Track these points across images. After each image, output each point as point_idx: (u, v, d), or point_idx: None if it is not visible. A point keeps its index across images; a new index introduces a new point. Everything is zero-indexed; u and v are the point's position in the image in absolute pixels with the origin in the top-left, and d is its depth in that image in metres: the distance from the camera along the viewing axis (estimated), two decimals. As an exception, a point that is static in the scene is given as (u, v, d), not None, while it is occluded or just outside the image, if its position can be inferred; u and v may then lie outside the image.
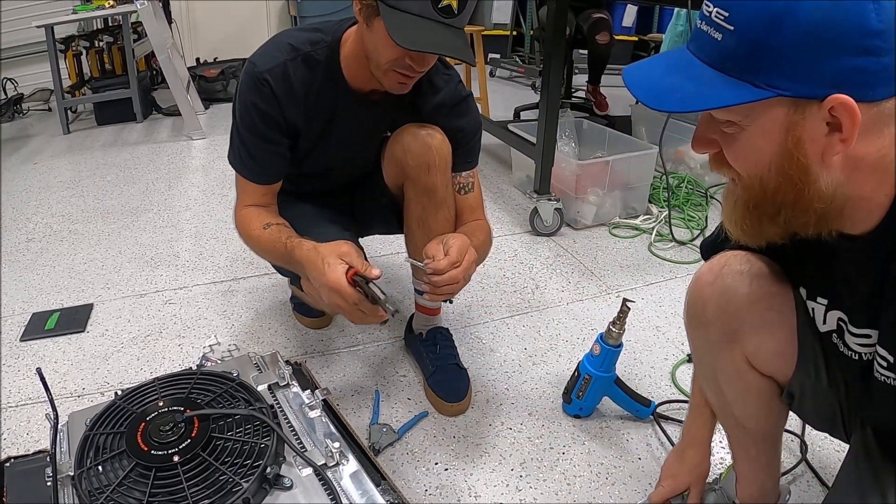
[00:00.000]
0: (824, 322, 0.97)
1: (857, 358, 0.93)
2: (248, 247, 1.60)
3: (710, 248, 1.19)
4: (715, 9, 0.76)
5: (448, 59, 1.56)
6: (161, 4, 4.94)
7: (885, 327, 0.84)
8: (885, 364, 0.85)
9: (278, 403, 1.18)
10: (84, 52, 4.87)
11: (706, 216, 2.89)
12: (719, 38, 0.76)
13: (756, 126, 0.78)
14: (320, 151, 1.61)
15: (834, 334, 0.96)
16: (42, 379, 1.07)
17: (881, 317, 0.84)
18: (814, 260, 0.95)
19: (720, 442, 1.56)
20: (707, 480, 1.38)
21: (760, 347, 1.07)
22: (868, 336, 0.89)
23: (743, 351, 1.08)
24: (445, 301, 1.49)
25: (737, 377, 1.11)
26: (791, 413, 1.17)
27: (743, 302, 1.05)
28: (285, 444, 1.05)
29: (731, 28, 0.75)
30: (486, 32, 6.06)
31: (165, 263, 2.54)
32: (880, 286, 0.82)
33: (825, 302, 0.96)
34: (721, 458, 1.54)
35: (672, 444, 1.59)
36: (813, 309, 0.99)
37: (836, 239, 0.84)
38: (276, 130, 1.52)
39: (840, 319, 0.93)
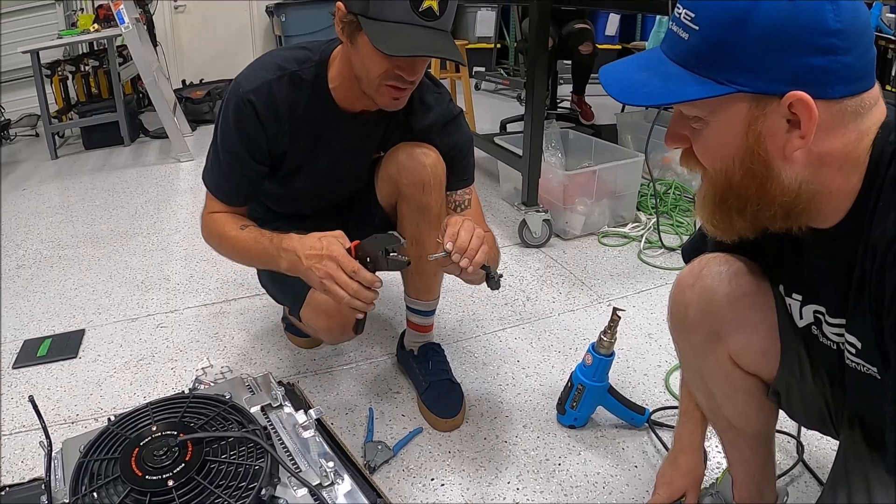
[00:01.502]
0: (801, 317, 1.00)
1: (834, 348, 0.95)
2: (216, 247, 1.59)
3: (691, 251, 1.21)
4: (684, 10, 0.81)
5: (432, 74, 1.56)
6: (146, 27, 4.95)
7: (852, 315, 0.86)
8: (853, 351, 0.88)
9: (272, 424, 1.19)
10: (70, 76, 4.88)
11: (695, 221, 2.90)
12: (686, 38, 0.80)
13: (720, 121, 0.81)
14: (309, 171, 1.61)
15: (813, 326, 0.98)
16: (35, 407, 1.07)
17: (848, 306, 0.86)
18: (788, 258, 0.98)
19: (716, 446, 1.57)
20: (703, 485, 1.38)
21: (744, 346, 1.08)
22: (842, 326, 0.91)
23: (727, 350, 1.09)
24: (490, 278, 1.38)
25: (723, 377, 1.12)
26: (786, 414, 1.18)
27: (724, 302, 1.06)
28: (279, 466, 1.05)
29: (697, 28, 0.78)
30: (470, 46, 6.12)
31: (156, 287, 2.53)
32: (848, 276, 0.85)
33: (800, 298, 0.98)
34: (718, 462, 1.55)
35: (668, 450, 1.59)
36: (790, 305, 1.01)
37: (806, 234, 0.87)
38: (255, 153, 1.51)
39: (817, 312, 0.96)
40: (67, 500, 0.99)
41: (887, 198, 0.77)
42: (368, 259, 1.31)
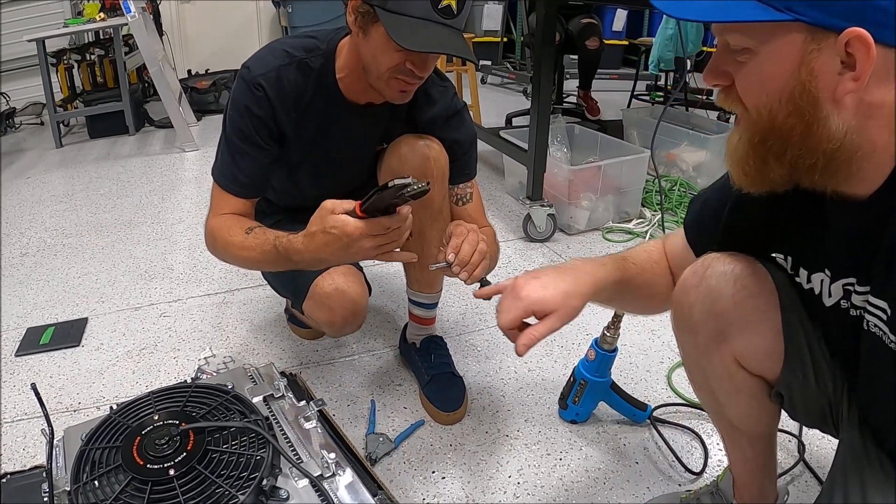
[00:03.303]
0: (830, 294, 0.95)
1: (857, 315, 0.91)
2: (220, 255, 1.48)
3: (692, 226, 1.17)
4: None
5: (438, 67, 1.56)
6: (152, 17, 4.94)
7: (881, 281, 0.83)
8: (884, 317, 0.84)
9: (273, 415, 1.18)
10: (76, 65, 4.87)
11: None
12: None
13: (771, 52, 0.77)
14: (311, 161, 1.61)
15: (842, 301, 0.94)
16: (37, 394, 1.07)
17: (873, 272, 0.83)
18: (812, 234, 0.94)
19: (717, 444, 1.57)
20: (703, 483, 1.38)
21: (749, 347, 1.07)
22: (867, 292, 0.87)
23: (731, 351, 1.08)
24: (483, 283, 1.35)
25: (727, 378, 1.11)
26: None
27: (729, 303, 1.05)
28: (281, 456, 1.05)
29: None
30: (476, 39, 6.11)
31: (160, 276, 2.54)
32: (879, 241, 0.81)
33: (830, 274, 0.94)
34: (719, 460, 1.54)
35: (670, 447, 1.59)
36: (822, 281, 0.96)
37: (836, 204, 0.83)
38: (266, 137, 1.49)
39: (846, 285, 0.92)
40: (69, 488, 0.99)
41: None
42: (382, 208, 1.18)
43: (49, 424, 1.05)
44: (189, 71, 5.77)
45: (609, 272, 1.13)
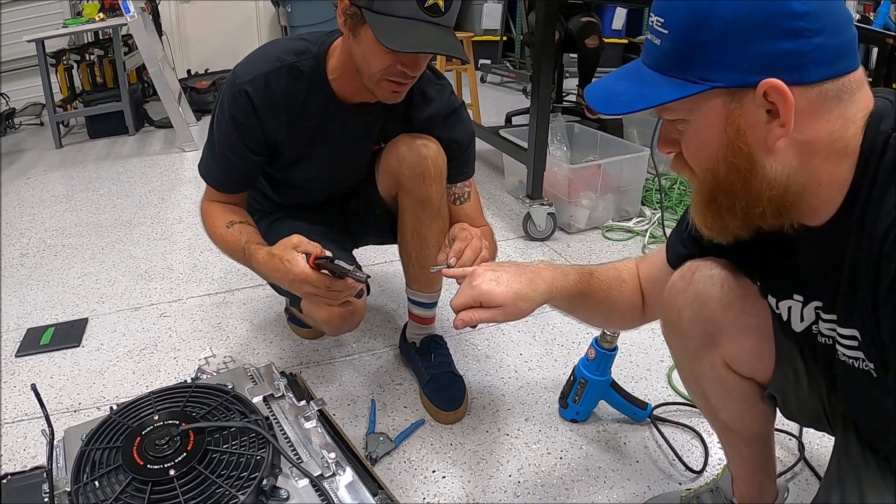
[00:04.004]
0: (802, 319, 0.97)
1: (830, 343, 0.93)
2: (209, 237, 1.60)
3: (671, 246, 1.18)
4: (655, 17, 0.81)
5: (437, 67, 1.56)
6: (151, 17, 4.94)
7: (846, 308, 0.84)
8: (854, 344, 0.86)
9: (273, 415, 1.18)
10: (75, 65, 4.87)
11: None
12: (659, 43, 0.81)
13: (700, 119, 0.81)
14: (307, 163, 1.61)
15: (813, 326, 0.96)
16: (37, 395, 1.07)
17: (838, 299, 0.85)
18: (784, 259, 0.95)
19: (717, 443, 1.57)
20: (703, 481, 1.38)
21: (738, 350, 1.07)
22: (834, 322, 0.89)
23: (721, 355, 1.09)
24: None
25: (718, 382, 1.12)
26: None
27: (716, 306, 1.05)
28: (281, 456, 1.05)
29: (667, 32, 0.79)
30: (476, 38, 6.09)
31: (159, 276, 2.54)
32: (840, 269, 0.83)
33: (801, 298, 0.96)
34: (719, 458, 1.54)
35: (670, 446, 1.59)
36: (790, 308, 0.99)
37: (799, 232, 0.86)
38: (251, 144, 1.51)
39: (817, 309, 0.94)
40: (69, 489, 0.99)
41: (882, 186, 0.75)
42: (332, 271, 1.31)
43: (49, 425, 1.05)
44: (188, 71, 5.77)
45: (569, 284, 1.15)
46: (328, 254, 1.31)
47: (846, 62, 0.76)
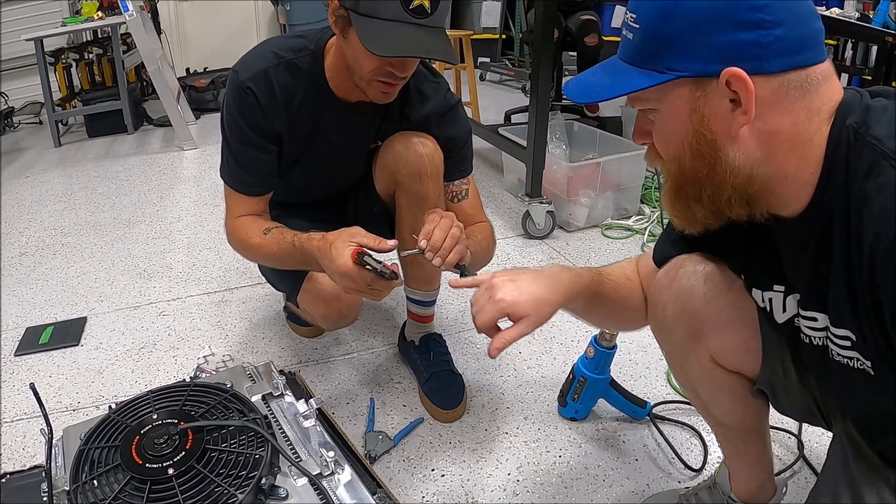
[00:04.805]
0: (784, 309, 0.97)
1: (819, 344, 0.92)
2: (244, 256, 1.59)
3: (658, 250, 1.18)
4: (629, 14, 0.86)
5: (437, 63, 1.55)
6: (150, 15, 4.94)
7: (838, 308, 0.84)
8: (847, 344, 0.85)
9: (272, 413, 1.18)
10: (74, 64, 4.87)
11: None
12: (631, 38, 0.85)
13: (668, 107, 0.84)
14: (306, 160, 1.61)
15: (795, 318, 0.96)
16: (36, 394, 1.07)
17: (828, 298, 0.84)
18: (763, 249, 0.96)
19: (716, 441, 1.57)
20: (701, 479, 1.38)
21: (724, 344, 1.08)
22: (815, 319, 0.90)
23: (707, 350, 1.09)
24: (462, 270, 1.34)
25: (706, 377, 1.12)
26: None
27: (700, 301, 1.06)
28: (280, 455, 1.05)
29: (638, 27, 0.83)
30: (475, 36, 6.07)
31: (158, 275, 2.54)
32: (818, 267, 0.84)
33: (782, 289, 0.96)
34: (719, 457, 1.54)
35: (669, 444, 1.59)
36: (771, 299, 0.99)
37: (770, 222, 0.87)
38: (263, 137, 1.51)
39: (796, 300, 0.94)
40: (68, 488, 0.99)
41: (851, 183, 0.75)
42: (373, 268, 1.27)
43: (48, 424, 1.05)
44: (187, 69, 5.76)
45: (585, 285, 1.14)
46: (388, 244, 1.28)
47: (809, 54, 0.78)
